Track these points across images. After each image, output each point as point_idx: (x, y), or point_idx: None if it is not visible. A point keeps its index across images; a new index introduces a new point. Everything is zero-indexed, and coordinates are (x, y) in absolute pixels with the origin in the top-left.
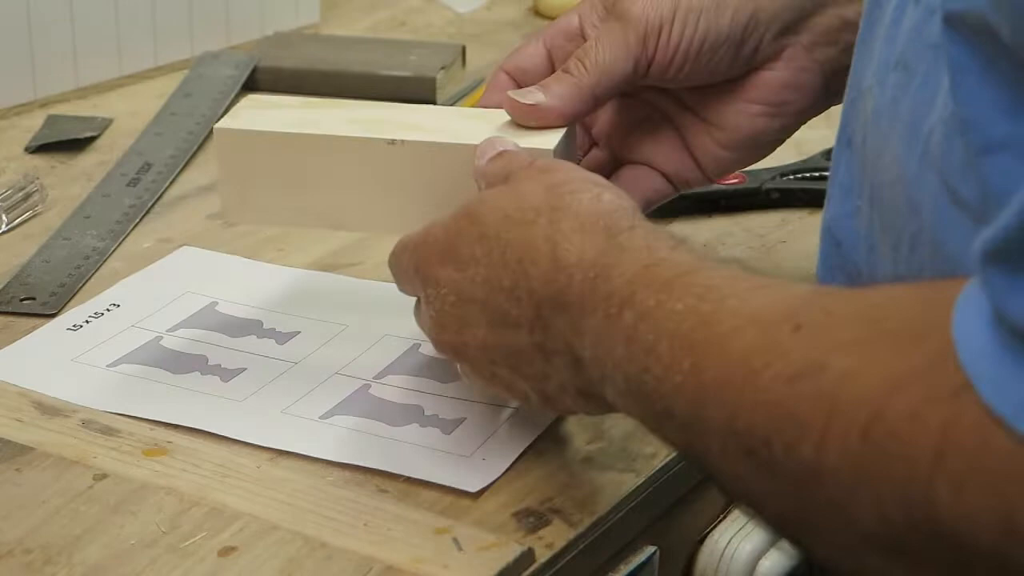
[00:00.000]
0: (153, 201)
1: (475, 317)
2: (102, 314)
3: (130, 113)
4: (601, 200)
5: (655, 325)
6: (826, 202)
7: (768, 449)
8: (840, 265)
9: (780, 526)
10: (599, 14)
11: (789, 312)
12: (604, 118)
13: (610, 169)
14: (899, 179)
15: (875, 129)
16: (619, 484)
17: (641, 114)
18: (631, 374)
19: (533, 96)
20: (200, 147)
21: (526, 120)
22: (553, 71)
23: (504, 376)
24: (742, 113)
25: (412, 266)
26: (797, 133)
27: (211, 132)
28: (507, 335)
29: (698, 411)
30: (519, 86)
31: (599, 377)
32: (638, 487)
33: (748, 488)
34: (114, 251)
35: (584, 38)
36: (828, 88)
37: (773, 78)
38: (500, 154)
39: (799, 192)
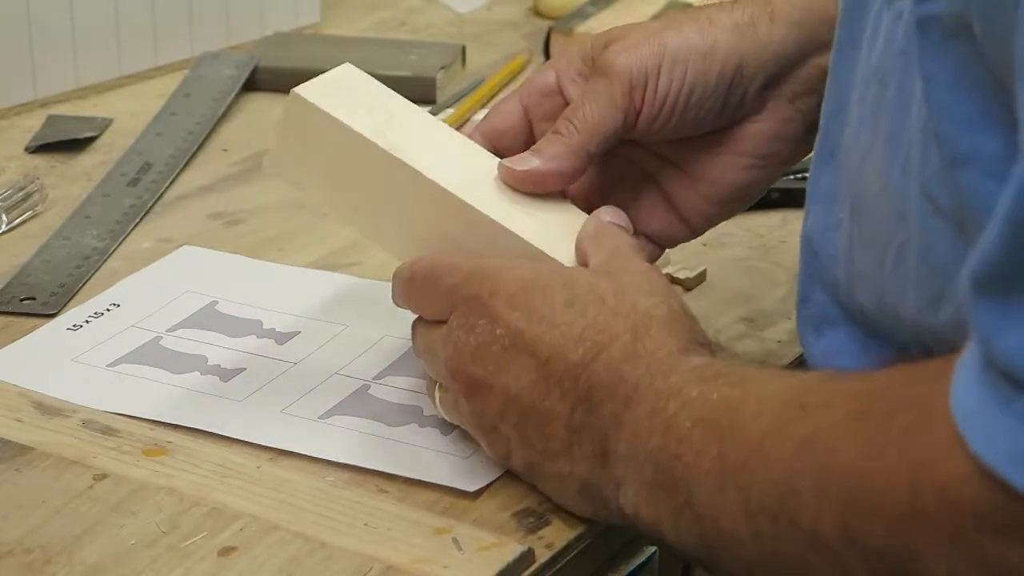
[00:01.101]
0: (153, 201)
1: (521, 370)
2: (102, 314)
3: (130, 113)
4: (688, 315)
5: (692, 413)
6: (805, 212)
7: (775, 526)
8: (819, 275)
9: None
10: (577, 69)
11: (800, 393)
12: (580, 179)
13: None
14: (883, 190)
15: (856, 142)
16: None
17: (620, 173)
18: (662, 463)
19: (528, 162)
20: (200, 147)
21: (524, 186)
22: (530, 130)
23: (506, 434)
24: (730, 167)
25: (469, 291)
26: None
27: (211, 132)
28: (547, 402)
29: (718, 497)
30: (495, 148)
31: (621, 475)
32: None
33: (756, 573)
34: (114, 251)
35: (562, 94)
36: (808, 136)
37: (759, 130)
38: (612, 237)
39: (799, 192)
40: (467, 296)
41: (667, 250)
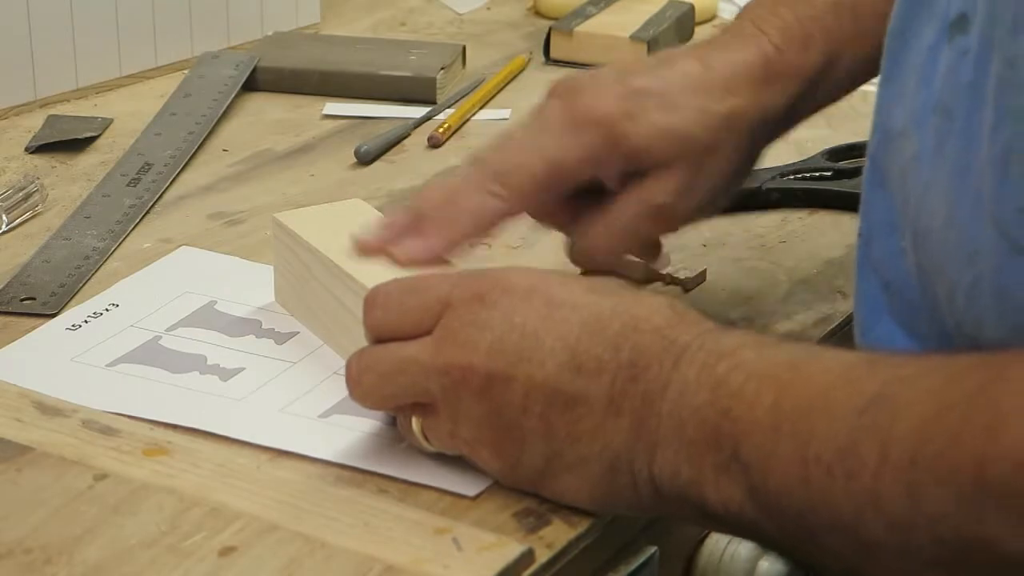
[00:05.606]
0: (153, 201)
1: (547, 354)
2: (101, 314)
3: (130, 113)
4: None
5: (748, 370)
6: (864, 238)
7: (829, 478)
8: (894, 308)
9: (839, 560)
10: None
11: (872, 355)
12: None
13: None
14: (950, 225)
15: (917, 174)
16: None
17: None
18: (708, 418)
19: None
20: (200, 147)
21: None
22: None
23: (526, 428)
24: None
25: (469, 292)
26: (797, 133)
27: (211, 132)
28: (578, 381)
29: (769, 445)
30: None
31: (660, 437)
32: None
33: (804, 524)
34: (114, 251)
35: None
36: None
37: None
38: None
39: (799, 192)
40: (468, 297)
41: (667, 250)
